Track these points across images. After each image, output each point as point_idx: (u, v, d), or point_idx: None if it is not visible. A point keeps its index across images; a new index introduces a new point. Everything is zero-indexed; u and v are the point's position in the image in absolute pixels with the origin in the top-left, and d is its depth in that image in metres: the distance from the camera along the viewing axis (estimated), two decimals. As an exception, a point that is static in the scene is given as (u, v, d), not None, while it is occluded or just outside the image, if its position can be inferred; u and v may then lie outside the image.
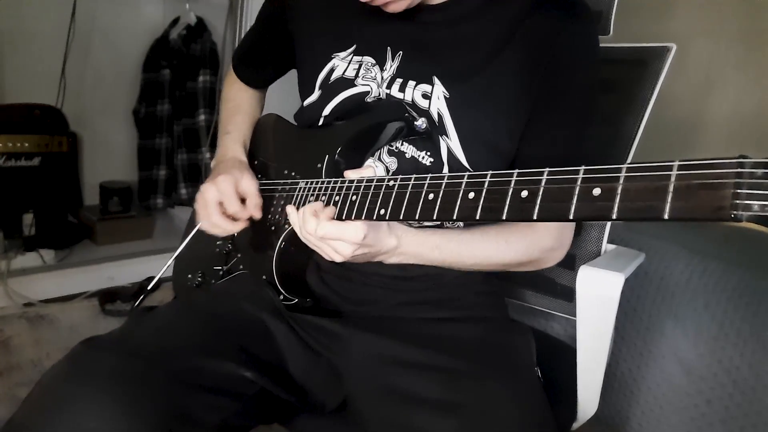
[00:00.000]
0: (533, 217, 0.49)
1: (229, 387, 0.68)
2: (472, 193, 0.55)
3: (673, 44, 0.94)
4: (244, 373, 0.69)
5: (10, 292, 1.79)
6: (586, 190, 0.46)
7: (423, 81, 0.79)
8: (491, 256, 0.76)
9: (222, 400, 0.67)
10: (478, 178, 0.55)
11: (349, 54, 0.84)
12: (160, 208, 2.38)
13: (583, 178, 0.46)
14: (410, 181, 0.61)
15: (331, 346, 0.78)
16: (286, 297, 0.81)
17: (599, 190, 0.45)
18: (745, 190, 0.37)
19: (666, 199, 0.41)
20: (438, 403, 0.67)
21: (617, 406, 1.19)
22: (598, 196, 0.45)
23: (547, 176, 0.49)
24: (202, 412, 0.64)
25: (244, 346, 0.72)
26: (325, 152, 0.80)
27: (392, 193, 0.63)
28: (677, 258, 1.10)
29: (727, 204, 0.37)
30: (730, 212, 0.37)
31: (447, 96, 0.77)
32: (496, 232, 0.77)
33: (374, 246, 0.68)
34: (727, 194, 0.38)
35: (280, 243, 0.81)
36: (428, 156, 0.79)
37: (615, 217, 0.44)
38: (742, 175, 0.37)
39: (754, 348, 0.99)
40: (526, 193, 0.50)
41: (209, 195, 0.81)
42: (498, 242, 0.76)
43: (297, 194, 0.81)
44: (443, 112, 0.77)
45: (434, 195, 0.58)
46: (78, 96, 2.12)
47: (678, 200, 0.40)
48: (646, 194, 0.42)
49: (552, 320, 1.14)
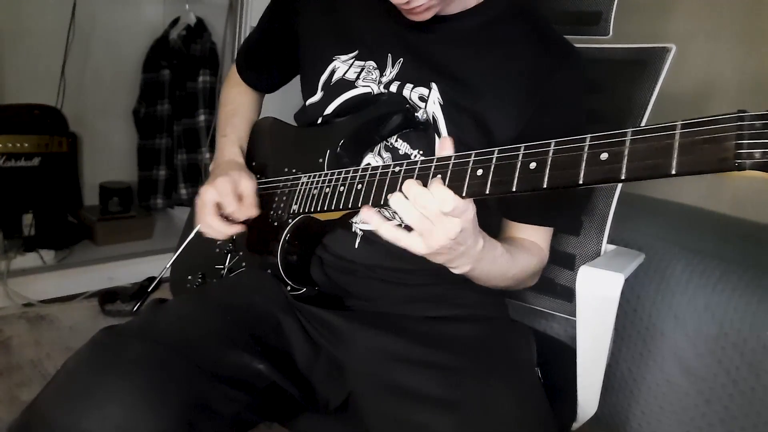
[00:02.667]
0: (543, 185, 0.51)
1: (245, 378, 0.68)
2: (480, 170, 0.56)
3: (673, 45, 0.94)
4: (258, 365, 0.69)
5: (10, 293, 1.78)
6: (594, 156, 0.48)
7: (421, 84, 0.81)
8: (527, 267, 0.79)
9: (237, 393, 0.67)
10: (485, 155, 0.56)
11: (351, 58, 0.86)
12: (160, 209, 2.38)
13: (590, 145, 0.48)
14: (416, 165, 0.62)
15: (334, 340, 0.79)
16: (293, 287, 0.82)
17: (606, 154, 0.47)
18: (747, 140, 0.39)
19: (672, 155, 0.43)
20: (439, 399, 0.67)
21: (617, 406, 1.19)
22: (606, 160, 0.47)
23: (554, 146, 0.51)
24: (219, 403, 0.65)
25: (257, 337, 0.73)
26: (326, 147, 0.81)
27: (398, 179, 0.63)
28: (677, 258, 1.10)
29: (731, 155, 0.40)
30: (734, 162, 0.40)
31: (442, 103, 0.80)
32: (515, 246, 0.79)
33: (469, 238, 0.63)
34: (729, 146, 0.40)
35: (284, 236, 0.81)
36: (420, 155, 0.81)
37: (624, 178, 0.46)
38: (742, 128, 0.40)
39: (754, 348, 0.99)
40: (534, 165, 0.52)
41: (207, 196, 0.82)
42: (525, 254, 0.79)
43: (299, 188, 0.81)
44: (438, 116, 0.80)
45: (442, 175, 0.59)
46: (78, 96, 2.12)
47: (684, 155, 0.43)
48: (653, 153, 0.44)
49: (552, 320, 1.14)
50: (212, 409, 0.64)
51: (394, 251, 0.82)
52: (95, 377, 0.60)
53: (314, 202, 0.77)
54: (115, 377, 0.60)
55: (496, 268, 0.72)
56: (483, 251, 0.67)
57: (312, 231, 0.84)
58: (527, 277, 0.81)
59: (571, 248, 0.99)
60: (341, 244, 0.85)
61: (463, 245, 0.63)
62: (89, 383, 0.59)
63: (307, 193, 0.79)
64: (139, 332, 0.68)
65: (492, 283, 0.77)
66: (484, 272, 0.71)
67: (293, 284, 0.82)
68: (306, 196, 0.79)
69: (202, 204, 0.82)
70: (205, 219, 0.82)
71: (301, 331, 0.78)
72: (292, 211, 0.81)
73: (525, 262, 0.78)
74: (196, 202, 0.84)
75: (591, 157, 0.48)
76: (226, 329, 0.72)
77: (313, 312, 0.80)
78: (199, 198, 0.83)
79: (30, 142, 1.92)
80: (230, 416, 0.66)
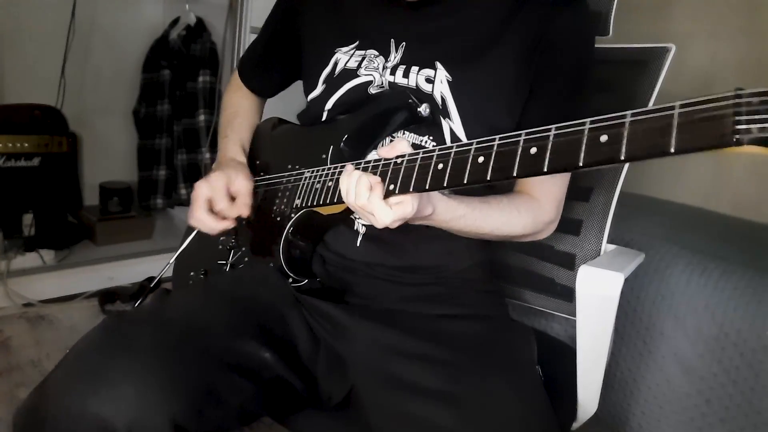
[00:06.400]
0: (544, 169, 0.51)
1: (252, 368, 0.69)
2: (481, 158, 0.57)
3: (673, 45, 0.94)
4: (264, 354, 0.70)
5: (10, 293, 1.78)
6: (594, 138, 0.48)
7: (426, 66, 0.81)
8: (505, 225, 0.78)
9: (244, 382, 0.67)
10: (486, 142, 0.57)
11: (352, 49, 0.86)
12: (159, 209, 2.38)
13: (590, 128, 0.49)
14: (418, 156, 0.62)
15: (336, 333, 0.79)
16: (295, 279, 0.83)
17: (606, 136, 0.48)
18: (744, 116, 0.40)
19: (671, 134, 0.43)
20: (439, 393, 0.67)
21: (617, 406, 1.19)
22: (605, 142, 0.48)
23: (554, 131, 0.52)
24: (227, 392, 0.65)
25: (263, 327, 0.74)
26: (330, 144, 0.82)
27: (400, 169, 0.64)
28: (677, 258, 1.10)
29: (729, 131, 0.40)
30: (732, 137, 0.40)
31: (450, 80, 0.80)
32: (509, 201, 0.79)
33: (415, 215, 0.67)
34: (728, 122, 0.41)
35: (288, 229, 0.82)
36: (431, 141, 0.81)
37: (623, 158, 0.46)
38: (740, 105, 0.40)
39: (754, 348, 0.99)
40: (535, 150, 0.53)
41: (199, 191, 0.83)
42: (511, 213, 0.78)
43: (303, 182, 0.82)
44: (446, 95, 0.80)
45: (443, 164, 0.60)
46: (78, 96, 2.12)
47: (683, 134, 0.43)
48: (652, 133, 0.45)
49: (552, 320, 1.14)
50: (220, 397, 0.64)
51: (395, 250, 0.83)
52: (107, 360, 0.60)
53: (317, 196, 0.78)
54: (128, 360, 0.60)
55: (461, 224, 0.74)
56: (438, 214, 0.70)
57: (314, 226, 0.85)
58: (513, 234, 0.80)
59: (571, 248, 0.99)
60: (343, 242, 0.85)
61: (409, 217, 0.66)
62: (101, 365, 0.59)
63: (310, 188, 0.80)
64: (149, 318, 0.68)
65: (465, 235, 0.78)
66: (446, 227, 0.74)
67: (295, 276, 0.83)
68: (309, 190, 0.80)
69: (194, 198, 0.84)
70: (195, 213, 0.83)
71: (304, 324, 0.79)
72: (295, 205, 0.82)
73: (501, 220, 0.77)
74: (192, 196, 0.86)
75: (591, 140, 0.48)
76: (233, 318, 0.72)
77: (316, 305, 0.81)
78: (193, 192, 0.85)
79: (30, 142, 1.92)
80: (236, 406, 0.67)
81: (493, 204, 0.77)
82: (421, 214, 0.67)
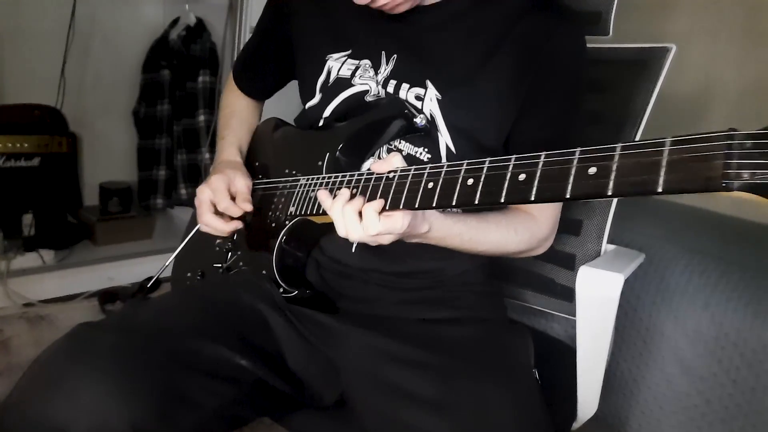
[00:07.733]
0: (531, 198, 0.51)
1: (226, 372, 0.68)
2: (471, 180, 0.56)
3: (673, 45, 0.94)
4: (240, 360, 0.69)
5: (10, 293, 1.78)
6: (582, 170, 0.47)
7: (416, 84, 0.81)
8: (501, 244, 0.78)
9: (218, 385, 0.67)
10: (476, 164, 0.56)
11: (344, 56, 0.86)
12: (159, 209, 2.37)
13: (579, 158, 0.48)
14: (409, 172, 0.62)
15: (327, 340, 0.79)
16: (285, 290, 0.82)
17: (595, 168, 0.46)
18: (736, 161, 0.38)
19: (659, 172, 0.42)
20: (432, 401, 0.67)
21: (617, 406, 1.19)
22: (593, 174, 0.46)
23: (544, 158, 0.51)
24: (199, 395, 0.65)
25: (240, 333, 0.73)
26: (326, 151, 0.81)
27: (392, 184, 0.63)
28: (677, 258, 1.10)
29: (718, 174, 0.39)
30: (721, 182, 0.38)
31: (439, 98, 0.79)
32: (507, 221, 0.78)
33: (409, 232, 0.67)
34: (717, 165, 0.39)
35: (281, 238, 0.82)
36: (425, 152, 0.81)
37: (610, 193, 0.45)
38: (732, 147, 0.39)
39: (754, 348, 0.99)
40: (524, 176, 0.52)
41: (202, 195, 0.84)
42: (508, 232, 0.78)
43: (297, 190, 0.81)
44: (435, 113, 0.80)
45: (434, 183, 0.59)
46: (78, 96, 2.12)
47: (671, 173, 0.42)
48: (640, 169, 0.44)
49: (552, 320, 1.14)
50: (191, 400, 0.63)
51: (391, 256, 0.82)
52: (69, 366, 0.60)
53: (311, 205, 0.78)
54: (88, 366, 0.59)
55: (456, 242, 0.73)
56: (434, 232, 0.69)
57: (309, 234, 0.85)
58: (509, 251, 0.80)
59: (571, 248, 0.99)
60: (338, 247, 0.85)
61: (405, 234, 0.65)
62: (61, 372, 0.59)
63: (305, 196, 0.79)
64: (115, 324, 0.68)
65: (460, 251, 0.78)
66: (442, 244, 0.73)
67: (286, 286, 0.82)
68: (303, 198, 0.79)
69: (199, 203, 0.85)
70: (202, 218, 0.84)
71: (292, 329, 0.78)
72: (290, 213, 0.82)
73: (498, 239, 0.77)
74: (195, 202, 0.86)
75: (579, 171, 0.47)
76: (206, 323, 0.72)
77: (305, 313, 0.80)
78: (196, 197, 0.85)
79: (30, 142, 1.92)
80: (213, 409, 0.66)
81: (490, 222, 0.76)
82: (417, 231, 0.67)
